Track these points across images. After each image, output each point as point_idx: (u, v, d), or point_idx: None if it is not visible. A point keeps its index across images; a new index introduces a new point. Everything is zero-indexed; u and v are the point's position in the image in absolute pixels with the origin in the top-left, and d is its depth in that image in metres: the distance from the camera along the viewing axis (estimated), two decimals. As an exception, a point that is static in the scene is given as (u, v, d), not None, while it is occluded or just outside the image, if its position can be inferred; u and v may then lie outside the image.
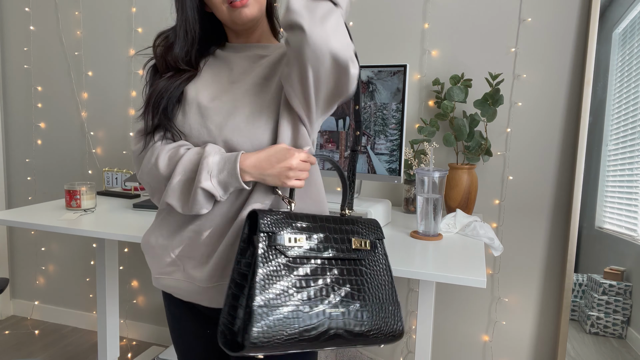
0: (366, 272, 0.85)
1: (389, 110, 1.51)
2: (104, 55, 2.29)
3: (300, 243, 0.79)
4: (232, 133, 0.87)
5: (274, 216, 0.79)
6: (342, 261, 0.83)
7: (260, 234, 0.77)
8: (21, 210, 1.61)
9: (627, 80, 1.69)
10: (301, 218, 0.82)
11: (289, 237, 0.79)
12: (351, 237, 0.86)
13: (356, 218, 0.90)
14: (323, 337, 0.77)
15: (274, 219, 0.79)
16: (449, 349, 1.91)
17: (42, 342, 2.35)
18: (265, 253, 0.76)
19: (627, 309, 1.73)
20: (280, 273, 0.76)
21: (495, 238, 1.38)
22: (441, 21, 1.80)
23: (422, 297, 1.32)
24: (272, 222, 0.78)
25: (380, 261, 0.89)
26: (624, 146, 1.71)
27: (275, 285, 0.74)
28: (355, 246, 0.86)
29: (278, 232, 0.78)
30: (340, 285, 0.81)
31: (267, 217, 0.78)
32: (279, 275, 0.75)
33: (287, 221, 0.80)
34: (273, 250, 0.77)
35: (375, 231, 0.91)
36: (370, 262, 0.87)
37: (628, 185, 1.70)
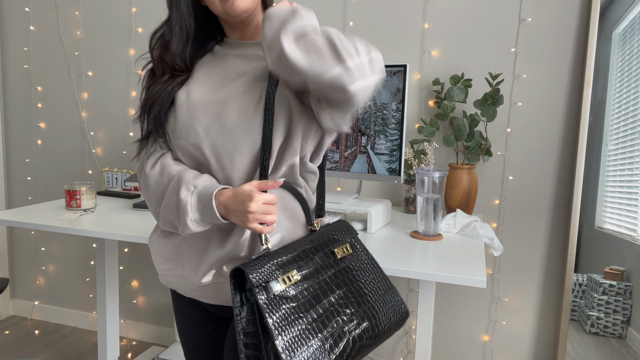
0: (358, 275, 0.87)
1: (389, 110, 1.51)
2: (104, 55, 2.29)
3: (296, 279, 0.79)
4: (218, 135, 0.86)
5: (254, 266, 0.76)
6: (335, 275, 0.84)
7: (257, 290, 0.74)
8: (21, 210, 1.61)
9: (627, 80, 1.69)
10: (281, 253, 0.80)
11: (284, 278, 0.78)
12: (332, 248, 0.87)
13: (326, 228, 0.91)
14: (352, 353, 0.78)
15: (255, 267, 0.76)
16: (449, 349, 1.91)
17: (42, 342, 2.35)
18: (265, 306, 0.74)
19: (627, 309, 1.73)
20: (287, 316, 0.75)
21: (495, 238, 1.38)
22: (441, 21, 1.80)
23: (422, 297, 1.32)
24: (258, 274, 0.76)
25: (363, 258, 0.90)
26: (624, 146, 1.71)
27: (291, 328, 0.74)
28: (340, 255, 0.87)
29: (271, 280, 0.76)
30: (344, 299, 0.82)
31: (252, 270, 0.75)
32: (290, 319, 0.75)
33: (267, 264, 0.77)
34: (274, 299, 0.75)
35: (348, 232, 0.92)
36: (357, 263, 0.88)
37: (628, 185, 1.70)
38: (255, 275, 0.75)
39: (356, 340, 0.79)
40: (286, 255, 0.81)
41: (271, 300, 0.75)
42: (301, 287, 0.79)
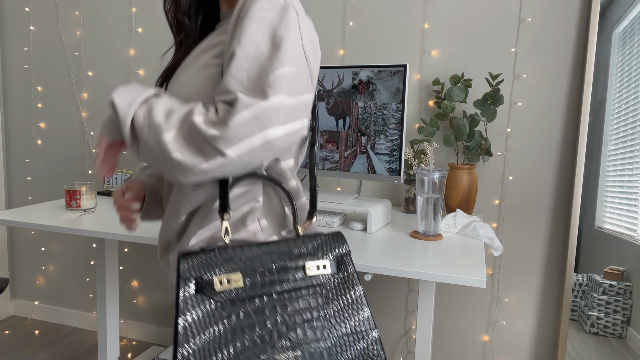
0: (330, 301, 0.72)
1: (389, 110, 1.51)
2: (104, 55, 2.29)
3: (236, 284, 0.68)
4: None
5: (199, 258, 0.68)
6: (295, 292, 0.71)
7: (181, 281, 0.66)
8: (21, 210, 1.61)
9: (627, 80, 1.69)
10: (238, 251, 0.71)
11: (221, 279, 0.68)
12: (304, 261, 0.73)
13: (313, 235, 0.77)
14: None
15: (199, 260, 0.68)
16: (449, 349, 1.91)
17: (42, 342, 2.35)
18: (187, 302, 0.65)
19: (627, 309, 1.73)
20: (208, 321, 0.65)
21: (495, 238, 1.38)
22: (441, 21, 1.80)
23: (422, 297, 1.32)
24: (196, 265, 0.67)
25: (349, 283, 0.75)
26: (624, 146, 1.71)
27: (202, 336, 0.64)
28: (311, 273, 0.73)
29: (205, 275, 0.67)
30: (294, 324, 0.69)
31: (190, 260, 0.68)
32: (205, 324, 0.65)
33: (214, 259, 0.69)
34: (200, 297, 0.66)
35: (337, 247, 0.77)
36: (337, 286, 0.74)
37: (628, 185, 1.70)
38: (189, 265, 0.67)
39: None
40: (242, 254, 0.71)
41: (196, 295, 0.66)
42: (237, 295, 0.68)
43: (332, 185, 2.00)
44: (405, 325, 1.95)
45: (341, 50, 1.93)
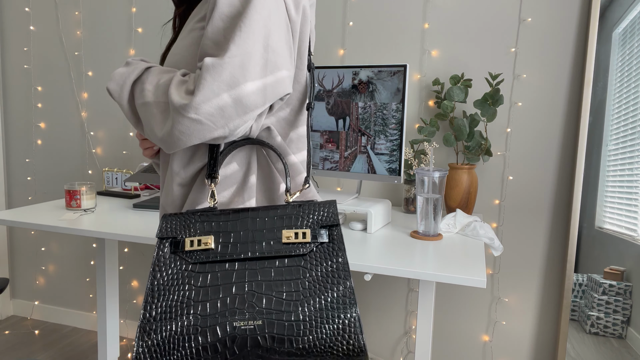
0: (307, 272, 0.67)
1: (389, 110, 1.51)
2: (104, 55, 2.29)
3: (206, 246, 0.67)
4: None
5: (179, 219, 0.70)
6: (269, 261, 0.67)
7: (157, 240, 0.68)
8: (21, 210, 1.61)
9: (627, 80, 1.69)
10: (217, 215, 0.70)
11: (192, 240, 0.68)
12: (282, 229, 0.69)
13: (300, 203, 0.72)
14: (233, 349, 0.62)
15: (178, 222, 0.69)
16: (449, 349, 1.91)
17: (42, 342, 2.35)
18: (161, 260, 0.66)
19: (627, 309, 1.73)
20: (176, 282, 0.65)
21: (495, 238, 1.38)
22: (441, 21, 1.80)
23: (422, 297, 1.32)
24: (175, 226, 0.69)
25: (332, 254, 0.68)
26: (624, 146, 1.71)
27: (169, 296, 0.64)
28: (287, 239, 0.68)
29: (179, 236, 0.68)
30: (260, 292, 0.65)
31: (170, 221, 0.69)
32: (173, 285, 0.65)
33: (192, 221, 0.69)
34: (173, 257, 0.67)
35: (324, 216, 0.71)
36: (317, 256, 0.68)
37: (628, 185, 1.70)
38: (167, 225, 0.69)
39: (247, 335, 0.62)
40: (220, 218, 0.69)
41: (170, 256, 0.67)
42: (207, 257, 0.67)
43: (332, 185, 2.00)
44: (405, 325, 1.95)
45: (341, 50, 1.93)
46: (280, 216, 0.70)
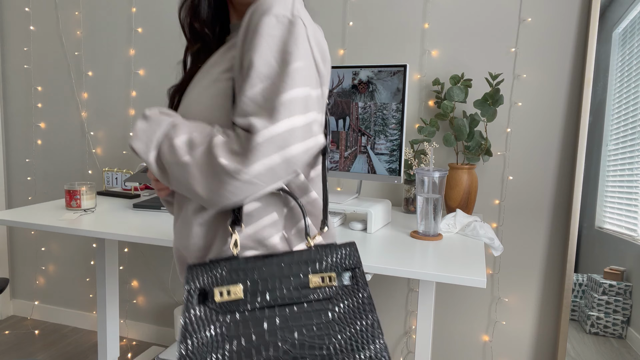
0: (334, 310, 0.70)
1: (389, 110, 1.51)
2: (104, 55, 2.29)
3: (235, 295, 0.69)
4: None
5: (205, 269, 0.69)
6: (298, 306, 0.69)
7: (186, 292, 0.68)
8: (21, 210, 1.61)
9: (627, 80, 1.69)
10: (243, 262, 0.70)
11: (221, 290, 0.68)
12: (309, 274, 0.71)
13: (323, 247, 0.73)
14: None
15: (205, 272, 0.69)
16: (449, 349, 1.91)
17: (42, 342, 2.35)
18: (193, 322, 0.67)
19: (627, 309, 1.73)
20: (211, 346, 0.66)
21: (495, 238, 1.38)
22: (441, 21, 1.80)
23: (422, 297, 1.32)
24: (202, 276, 0.69)
25: (356, 291, 0.71)
26: (624, 146, 1.71)
27: (198, 336, 0.66)
28: (314, 284, 0.70)
29: (208, 286, 0.68)
30: (293, 338, 0.68)
31: (195, 271, 0.69)
32: (204, 328, 0.67)
33: (219, 270, 0.70)
34: (204, 314, 0.68)
35: (346, 258, 0.73)
36: (342, 295, 0.71)
37: (628, 185, 1.70)
38: (192, 276, 0.68)
39: None
40: (245, 266, 0.70)
41: (197, 308, 0.68)
42: (241, 306, 0.69)
43: (332, 185, 2.00)
44: (405, 325, 1.95)
45: (341, 50, 1.93)
46: (305, 261, 0.71)
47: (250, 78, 0.70)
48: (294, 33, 0.71)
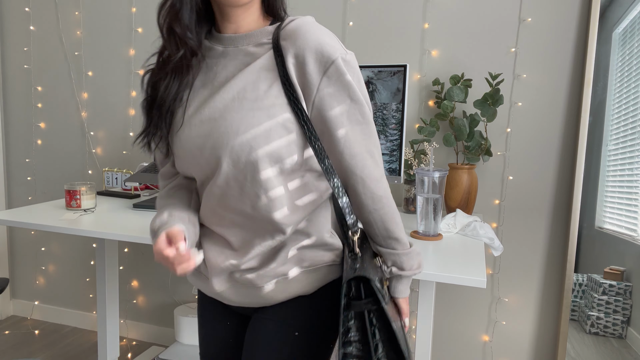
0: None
1: (389, 110, 1.51)
2: (104, 55, 2.29)
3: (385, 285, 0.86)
4: (214, 151, 0.81)
5: (369, 271, 0.80)
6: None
7: (379, 295, 0.78)
8: (21, 210, 1.61)
9: (627, 80, 1.69)
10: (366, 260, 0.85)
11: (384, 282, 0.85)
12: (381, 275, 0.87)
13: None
14: None
15: (375, 275, 0.81)
16: (449, 349, 1.91)
17: (42, 342, 2.35)
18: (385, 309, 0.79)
19: (627, 309, 1.73)
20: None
21: (495, 238, 1.38)
22: (441, 21, 1.80)
23: (422, 297, 1.32)
24: (375, 279, 0.80)
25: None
26: (624, 146, 1.71)
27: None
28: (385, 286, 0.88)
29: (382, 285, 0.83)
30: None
31: (374, 276, 0.79)
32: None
33: (374, 270, 0.82)
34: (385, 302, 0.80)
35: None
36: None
37: (628, 185, 1.70)
38: (376, 280, 0.79)
39: None
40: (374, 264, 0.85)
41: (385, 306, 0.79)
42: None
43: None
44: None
45: (341, 50, 1.93)
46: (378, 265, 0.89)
47: (346, 137, 0.80)
48: (358, 74, 0.82)
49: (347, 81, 0.79)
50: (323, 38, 0.78)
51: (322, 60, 0.78)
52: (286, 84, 0.79)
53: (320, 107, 0.79)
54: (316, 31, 0.79)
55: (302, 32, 0.79)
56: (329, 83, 0.78)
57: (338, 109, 0.79)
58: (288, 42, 0.80)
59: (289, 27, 0.81)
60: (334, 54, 0.78)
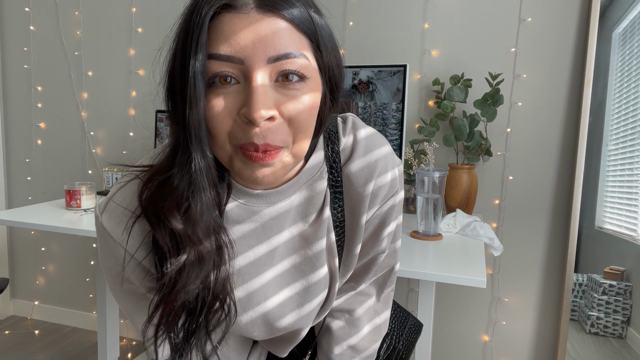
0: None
1: (389, 110, 1.51)
2: (104, 55, 2.29)
3: None
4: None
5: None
6: None
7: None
8: (21, 210, 1.61)
9: (627, 80, 1.69)
10: None
11: None
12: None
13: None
14: None
15: None
16: (449, 349, 1.91)
17: (42, 342, 2.35)
18: None
19: (627, 309, 1.74)
20: None
21: (495, 238, 1.38)
22: (441, 21, 1.80)
23: (422, 297, 1.32)
24: None
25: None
26: (624, 146, 1.71)
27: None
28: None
29: None
30: None
31: None
32: None
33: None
34: None
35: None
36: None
37: (628, 185, 1.70)
38: None
39: None
40: None
41: None
42: None
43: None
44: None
45: (341, 50, 1.92)
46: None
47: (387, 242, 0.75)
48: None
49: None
50: None
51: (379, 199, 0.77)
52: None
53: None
54: None
55: None
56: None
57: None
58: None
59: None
60: (397, 191, 0.77)
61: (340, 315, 0.79)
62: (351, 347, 0.78)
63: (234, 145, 0.54)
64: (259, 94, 0.51)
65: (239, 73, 0.53)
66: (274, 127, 0.53)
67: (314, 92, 0.55)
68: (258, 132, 0.52)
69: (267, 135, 0.52)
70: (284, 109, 0.53)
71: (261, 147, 0.53)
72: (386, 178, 0.68)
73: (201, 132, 0.53)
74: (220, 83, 0.53)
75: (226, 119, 0.53)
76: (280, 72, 0.53)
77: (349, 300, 0.79)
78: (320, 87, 0.57)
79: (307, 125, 0.55)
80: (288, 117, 0.53)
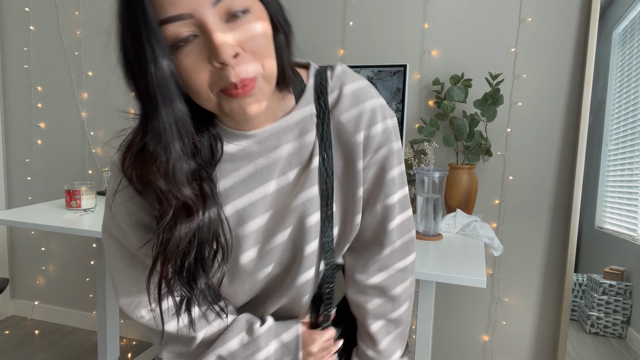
0: None
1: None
2: (104, 55, 2.29)
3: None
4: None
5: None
6: None
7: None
8: (21, 210, 1.61)
9: (627, 80, 1.69)
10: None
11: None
12: None
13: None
14: None
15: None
16: (449, 349, 1.91)
17: (42, 342, 2.35)
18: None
19: (627, 309, 1.74)
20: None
21: (495, 238, 1.38)
22: (441, 21, 1.80)
23: (422, 297, 1.32)
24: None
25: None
26: (624, 146, 1.71)
27: None
28: None
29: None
30: None
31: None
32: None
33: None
34: None
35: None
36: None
37: (628, 185, 1.70)
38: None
39: None
40: None
41: None
42: None
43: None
44: (405, 325, 1.95)
45: (341, 50, 1.93)
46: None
47: (400, 223, 0.82)
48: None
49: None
50: None
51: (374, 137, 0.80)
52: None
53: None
54: None
55: None
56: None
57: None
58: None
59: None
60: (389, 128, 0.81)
61: (378, 294, 0.84)
62: (391, 320, 0.87)
63: (217, 93, 0.59)
64: (218, 38, 0.56)
65: (194, 28, 0.56)
66: (242, 61, 0.58)
67: (261, 20, 0.60)
68: (232, 71, 0.57)
69: (240, 71, 0.57)
70: (243, 43, 0.58)
71: (239, 83, 0.57)
72: (377, 128, 0.71)
73: (169, 87, 0.58)
74: (182, 44, 0.57)
75: (202, 72, 0.58)
76: (227, 12, 0.57)
77: (387, 280, 0.84)
78: (266, 14, 0.61)
79: (266, 47, 0.60)
80: (249, 48, 0.58)
